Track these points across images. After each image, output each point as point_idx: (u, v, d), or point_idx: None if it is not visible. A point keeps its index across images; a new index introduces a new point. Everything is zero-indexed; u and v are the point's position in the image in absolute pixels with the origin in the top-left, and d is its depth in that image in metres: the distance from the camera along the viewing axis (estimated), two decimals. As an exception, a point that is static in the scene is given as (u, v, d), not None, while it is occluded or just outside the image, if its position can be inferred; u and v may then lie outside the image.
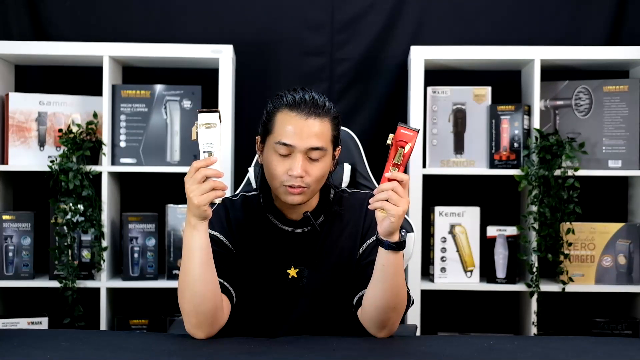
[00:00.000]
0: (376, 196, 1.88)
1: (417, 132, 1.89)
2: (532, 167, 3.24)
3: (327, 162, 2.06)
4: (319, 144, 2.01)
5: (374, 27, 3.58)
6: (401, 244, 1.92)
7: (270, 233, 2.13)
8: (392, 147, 1.89)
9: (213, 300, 1.94)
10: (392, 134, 1.89)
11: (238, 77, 3.49)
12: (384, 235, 1.91)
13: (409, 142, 1.88)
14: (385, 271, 1.94)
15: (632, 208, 3.48)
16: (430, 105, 3.40)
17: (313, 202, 2.13)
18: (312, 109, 2.02)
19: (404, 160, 1.89)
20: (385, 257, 1.93)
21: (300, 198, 2.04)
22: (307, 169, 2.02)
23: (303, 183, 2.02)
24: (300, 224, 2.12)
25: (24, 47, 3.33)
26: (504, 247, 3.32)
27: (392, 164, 1.89)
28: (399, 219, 1.87)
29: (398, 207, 1.86)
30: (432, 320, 3.50)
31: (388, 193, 1.86)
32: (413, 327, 2.49)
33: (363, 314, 2.04)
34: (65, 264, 3.19)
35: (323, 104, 2.04)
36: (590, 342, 2.10)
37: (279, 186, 2.04)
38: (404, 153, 1.88)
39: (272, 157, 2.04)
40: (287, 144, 2.01)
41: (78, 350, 1.85)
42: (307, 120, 2.01)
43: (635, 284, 3.32)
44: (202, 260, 1.92)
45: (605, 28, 3.56)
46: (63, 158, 3.20)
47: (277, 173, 2.03)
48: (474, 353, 1.88)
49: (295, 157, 2.01)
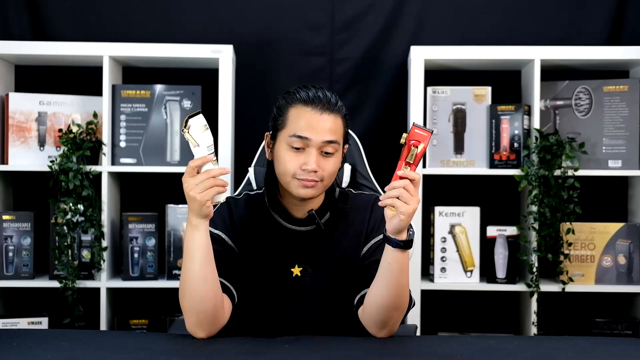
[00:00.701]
0: (387, 193, 1.89)
1: (431, 133, 1.91)
2: (532, 167, 3.24)
3: (339, 159, 2.08)
4: (334, 137, 2.04)
5: (374, 27, 3.58)
6: (409, 242, 1.93)
7: (275, 231, 2.13)
8: (405, 147, 1.90)
9: (213, 299, 1.94)
10: (406, 133, 1.90)
11: (238, 77, 3.49)
12: (392, 233, 1.92)
13: (422, 142, 1.89)
14: (391, 269, 1.94)
15: (632, 208, 3.48)
16: (430, 105, 3.40)
17: (318, 200, 2.14)
18: (326, 105, 2.05)
19: (416, 159, 1.90)
20: (391, 255, 1.94)
21: (312, 192, 2.05)
22: (321, 163, 2.04)
23: (317, 177, 2.03)
24: (305, 222, 2.13)
25: (24, 47, 3.33)
26: (504, 247, 3.32)
27: (404, 163, 1.90)
28: (408, 217, 1.88)
29: (409, 205, 1.87)
30: (432, 320, 3.50)
31: (399, 190, 1.87)
32: (413, 327, 2.49)
33: (364, 313, 2.04)
34: (65, 264, 3.19)
35: (336, 101, 2.07)
36: (590, 342, 2.10)
37: (291, 180, 2.04)
38: (416, 153, 1.89)
39: (285, 152, 2.05)
40: (303, 137, 2.02)
41: (78, 350, 1.85)
42: (322, 115, 2.04)
43: (635, 284, 3.32)
44: (202, 259, 1.92)
45: (605, 28, 3.56)
46: (63, 158, 3.20)
47: (290, 167, 2.03)
48: (474, 353, 1.88)
49: (310, 151, 2.02)
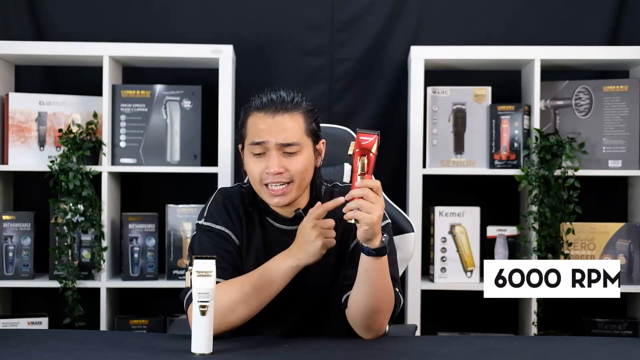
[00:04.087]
0: (347, 205, 1.87)
1: (377, 134, 1.87)
2: (532, 167, 3.24)
3: (308, 156, 2.05)
4: (291, 139, 2.02)
5: (374, 27, 3.57)
6: (381, 249, 1.91)
7: (266, 230, 2.12)
8: (354, 156, 1.86)
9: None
10: (354, 141, 1.86)
11: (238, 77, 3.49)
12: (364, 242, 1.91)
13: (371, 148, 1.85)
14: (368, 276, 1.94)
15: (632, 208, 3.48)
16: (430, 105, 3.40)
17: (304, 199, 2.12)
18: (280, 106, 2.03)
19: (369, 166, 1.86)
20: (367, 263, 1.93)
21: (284, 199, 2.04)
22: (285, 164, 2.02)
23: (284, 179, 2.01)
24: (293, 221, 2.11)
25: (24, 47, 3.33)
26: (504, 247, 3.32)
27: (359, 174, 1.86)
28: (373, 226, 1.86)
29: (370, 215, 1.85)
30: (432, 320, 3.50)
31: (358, 202, 1.85)
32: (413, 327, 2.49)
33: (349, 316, 2.03)
34: (65, 264, 3.19)
35: (291, 99, 2.05)
36: (590, 342, 2.11)
37: (260, 188, 2.04)
38: (368, 159, 1.85)
39: (249, 160, 2.05)
40: (259, 142, 2.02)
41: (78, 350, 1.85)
42: (275, 117, 2.02)
43: (635, 284, 3.32)
44: (276, 293, 2.00)
45: (605, 28, 3.55)
46: (63, 158, 3.20)
47: (255, 174, 2.04)
48: (474, 353, 1.88)
49: (269, 154, 2.02)
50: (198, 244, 2.08)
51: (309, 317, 2.11)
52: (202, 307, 1.80)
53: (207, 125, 3.37)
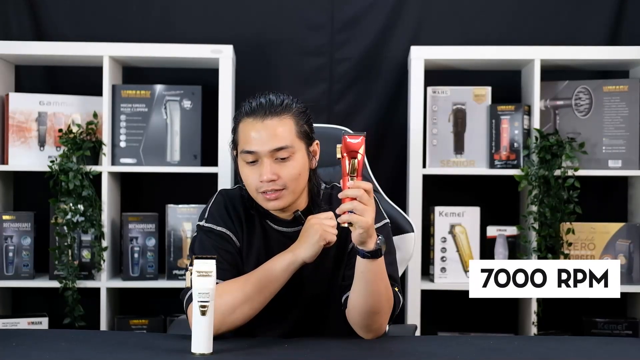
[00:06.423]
0: (340, 207, 1.85)
1: (364, 135, 1.86)
2: (532, 167, 3.24)
3: (300, 160, 2.05)
4: (282, 143, 2.01)
5: (374, 27, 3.57)
6: (376, 252, 1.90)
7: (266, 233, 2.12)
8: (343, 160, 1.85)
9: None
10: (340, 144, 1.85)
11: (238, 77, 3.49)
12: (358, 245, 1.90)
13: (359, 150, 1.84)
14: (365, 278, 1.94)
15: (632, 208, 3.48)
16: (430, 105, 3.40)
17: (302, 201, 2.12)
18: (269, 110, 2.02)
19: (358, 169, 1.85)
20: (363, 265, 1.93)
21: (279, 203, 2.03)
22: (278, 171, 2.01)
23: (277, 186, 2.01)
24: (292, 223, 2.11)
25: (24, 47, 3.33)
26: (504, 247, 3.32)
27: (349, 177, 1.85)
28: (368, 229, 1.86)
29: (365, 217, 1.84)
30: (432, 320, 3.50)
31: (352, 203, 1.84)
32: (413, 327, 2.49)
33: (348, 316, 2.04)
34: (65, 264, 3.19)
35: (280, 102, 2.04)
36: (590, 342, 2.11)
37: (256, 195, 2.04)
38: (357, 162, 1.84)
39: (243, 169, 2.06)
40: (250, 151, 2.02)
41: (78, 351, 1.85)
42: (264, 122, 2.02)
43: (635, 284, 3.32)
44: (277, 289, 2.00)
45: (605, 28, 3.55)
46: (63, 158, 3.20)
47: (250, 182, 2.04)
48: (474, 353, 1.88)
49: (262, 162, 2.01)
50: (199, 245, 2.08)
51: (309, 316, 2.12)
52: (202, 307, 1.80)
53: (207, 125, 3.37)
